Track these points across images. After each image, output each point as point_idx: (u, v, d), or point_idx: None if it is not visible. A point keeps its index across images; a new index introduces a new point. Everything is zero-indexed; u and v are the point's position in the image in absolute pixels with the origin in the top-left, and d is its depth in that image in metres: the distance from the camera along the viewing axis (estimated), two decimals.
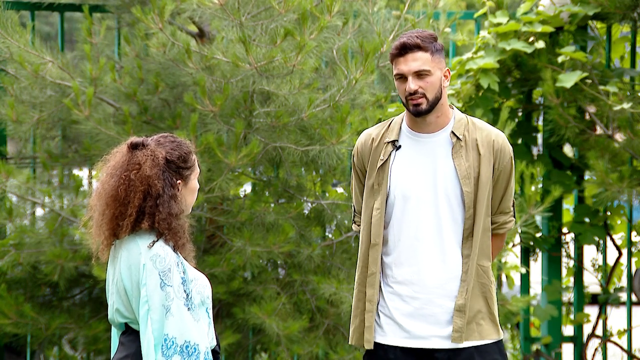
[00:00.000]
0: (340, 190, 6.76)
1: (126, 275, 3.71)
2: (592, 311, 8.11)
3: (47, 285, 6.66)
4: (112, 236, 3.77)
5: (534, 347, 7.49)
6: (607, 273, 7.60)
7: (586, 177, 7.40)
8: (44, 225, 6.46)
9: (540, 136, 7.49)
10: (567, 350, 8.23)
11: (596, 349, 7.56)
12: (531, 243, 7.36)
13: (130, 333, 3.77)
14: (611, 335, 7.60)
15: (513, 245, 7.24)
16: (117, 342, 3.83)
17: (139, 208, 3.71)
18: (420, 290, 4.22)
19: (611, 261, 7.79)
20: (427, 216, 4.21)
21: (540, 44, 6.91)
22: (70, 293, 6.79)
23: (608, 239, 7.53)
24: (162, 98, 6.44)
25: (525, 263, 7.46)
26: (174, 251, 3.73)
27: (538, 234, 7.39)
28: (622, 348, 7.54)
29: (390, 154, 4.26)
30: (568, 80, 6.79)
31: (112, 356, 3.84)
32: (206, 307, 3.81)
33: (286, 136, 6.30)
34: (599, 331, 7.81)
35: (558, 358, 7.46)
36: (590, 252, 7.90)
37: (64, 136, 6.82)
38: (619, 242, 7.60)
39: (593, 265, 7.67)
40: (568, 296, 7.64)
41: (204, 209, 6.53)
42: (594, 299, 8.94)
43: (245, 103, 6.27)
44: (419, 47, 4.15)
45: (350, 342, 4.34)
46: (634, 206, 7.37)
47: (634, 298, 9.14)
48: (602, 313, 7.55)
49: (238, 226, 6.39)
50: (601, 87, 6.84)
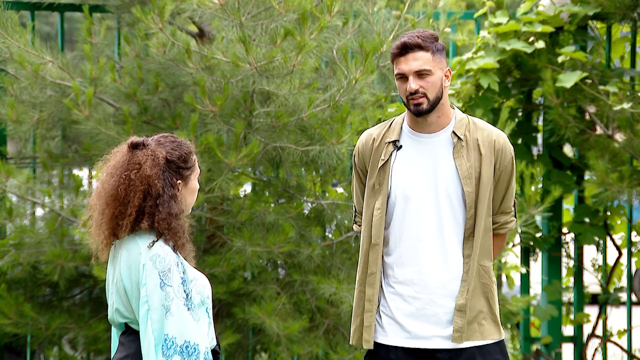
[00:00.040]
0: (340, 190, 6.76)
1: (126, 275, 3.71)
2: (592, 311, 8.10)
3: (47, 285, 6.66)
4: (112, 236, 3.76)
5: (534, 347, 7.49)
6: (607, 273, 7.60)
7: (586, 177, 7.39)
8: (44, 225, 6.46)
9: (540, 136, 7.49)
10: (567, 350, 8.23)
11: (596, 349, 7.55)
12: (531, 243, 7.36)
13: (130, 333, 3.77)
14: (611, 335, 7.60)
15: (513, 245, 7.24)
16: (117, 342, 3.83)
17: (139, 208, 3.71)
18: (421, 290, 4.21)
19: (611, 261, 7.79)
20: (428, 216, 4.20)
21: (540, 44, 6.91)
22: (70, 293, 6.79)
23: (608, 239, 7.53)
24: (162, 98, 6.44)
25: (525, 263, 7.46)
26: (174, 251, 3.72)
27: (538, 234, 7.38)
28: (622, 348, 7.54)
29: (391, 154, 4.26)
30: (568, 80, 6.78)
31: (112, 356, 3.84)
32: (206, 307, 3.81)
33: (286, 136, 6.30)
34: (599, 331, 7.81)
35: (558, 358, 7.45)
36: (590, 252, 7.89)
37: (64, 136, 6.81)
38: (619, 242, 7.60)
39: (593, 265, 7.66)
40: (568, 296, 7.63)
41: (204, 209, 6.52)
42: (594, 299, 8.94)
43: (245, 103, 6.26)
44: (420, 47, 4.14)
45: (351, 342, 4.33)
46: (634, 206, 7.37)
47: (634, 298, 9.13)
48: (602, 313, 7.55)
49: (238, 226, 6.39)
50: (601, 87, 6.83)
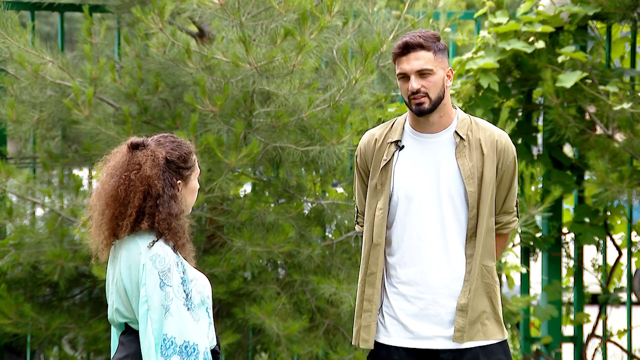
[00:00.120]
0: (340, 190, 6.76)
1: (126, 275, 3.71)
2: (592, 311, 8.10)
3: (47, 285, 6.66)
4: (112, 236, 3.76)
5: (534, 347, 7.49)
6: (607, 273, 7.59)
7: (586, 177, 7.39)
8: (44, 225, 6.46)
9: (540, 136, 7.49)
10: (567, 350, 8.23)
11: (596, 349, 7.55)
12: (531, 243, 7.36)
13: (130, 333, 3.77)
14: (611, 335, 7.60)
15: (513, 245, 7.24)
16: (117, 342, 3.83)
17: (139, 208, 3.71)
18: (424, 290, 4.21)
19: (611, 261, 7.79)
20: (431, 216, 4.20)
21: (540, 44, 6.91)
22: (70, 293, 6.79)
23: (608, 239, 7.53)
24: (162, 98, 6.44)
25: (525, 263, 7.46)
26: (174, 251, 3.72)
27: (538, 234, 7.38)
28: (622, 348, 7.54)
29: (393, 154, 4.25)
30: (568, 80, 6.78)
31: (112, 356, 3.84)
32: (206, 307, 3.80)
33: (286, 136, 6.30)
34: (599, 331, 7.81)
35: (558, 358, 7.45)
36: (590, 252, 7.90)
37: (64, 136, 6.81)
38: (619, 242, 7.60)
39: (593, 265, 7.66)
40: (568, 296, 7.64)
41: (204, 209, 6.52)
42: (594, 299, 8.94)
43: (245, 103, 6.26)
44: (422, 47, 4.14)
45: (353, 343, 4.32)
46: (634, 206, 7.37)
47: (634, 298, 9.14)
48: (602, 313, 7.55)
49: (238, 226, 6.39)
50: (601, 87, 6.83)
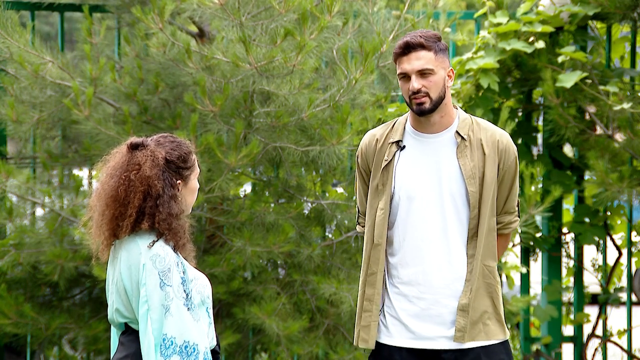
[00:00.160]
0: (340, 190, 6.76)
1: (126, 275, 3.71)
2: (592, 311, 8.10)
3: (47, 285, 6.66)
4: (112, 236, 3.76)
5: (534, 347, 7.49)
6: (607, 273, 7.59)
7: (586, 177, 7.39)
8: (44, 225, 6.46)
9: (540, 136, 7.49)
10: (567, 350, 8.23)
11: (596, 349, 7.55)
12: (531, 243, 7.36)
13: (130, 333, 3.77)
14: (611, 335, 7.60)
15: (513, 245, 7.24)
16: (117, 342, 3.83)
17: (139, 208, 3.71)
18: (426, 290, 4.20)
19: (611, 261, 7.79)
20: (432, 216, 4.19)
21: (540, 44, 6.91)
22: (70, 293, 6.79)
23: (608, 239, 7.53)
24: (162, 98, 6.43)
25: (525, 263, 7.46)
26: (174, 251, 3.72)
27: (538, 234, 7.38)
28: (622, 348, 7.54)
29: (394, 155, 4.25)
30: (568, 80, 6.78)
31: (112, 356, 3.84)
32: (206, 307, 3.80)
33: (286, 136, 6.30)
34: (599, 331, 7.81)
35: (558, 358, 7.45)
36: (590, 252, 7.89)
37: (64, 136, 6.81)
38: (619, 242, 7.60)
39: (593, 265, 7.66)
40: (568, 296, 7.63)
41: (204, 209, 6.52)
42: (594, 299, 8.94)
43: (245, 103, 6.26)
44: (423, 46, 4.14)
45: (355, 343, 4.31)
46: (634, 206, 7.37)
47: (634, 298, 9.13)
48: (602, 313, 7.55)
49: (238, 226, 6.39)
50: (601, 87, 6.83)
